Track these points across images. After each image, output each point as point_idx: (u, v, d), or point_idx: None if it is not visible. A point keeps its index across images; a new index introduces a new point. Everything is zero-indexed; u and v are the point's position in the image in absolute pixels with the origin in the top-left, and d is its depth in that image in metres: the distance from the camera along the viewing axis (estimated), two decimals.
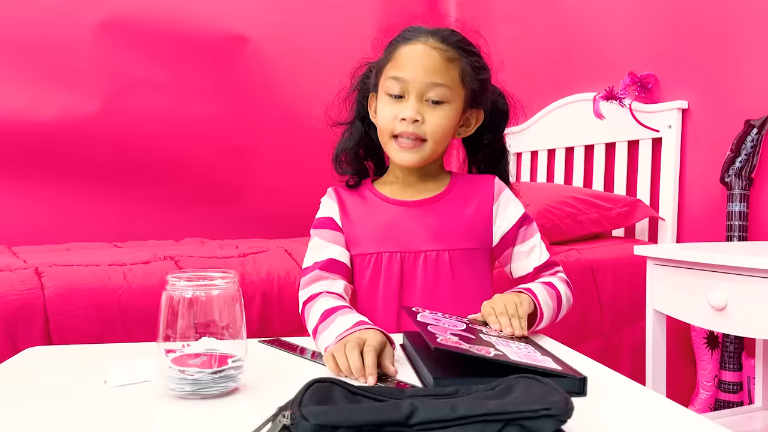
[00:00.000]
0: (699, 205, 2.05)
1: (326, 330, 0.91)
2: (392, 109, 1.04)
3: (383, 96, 1.06)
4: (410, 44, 1.04)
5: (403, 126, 1.03)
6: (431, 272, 1.07)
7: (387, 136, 1.06)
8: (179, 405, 0.68)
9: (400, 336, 0.95)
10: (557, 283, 1.09)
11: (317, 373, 0.80)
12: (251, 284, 1.46)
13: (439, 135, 1.05)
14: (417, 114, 1.02)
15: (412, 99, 1.03)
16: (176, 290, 0.71)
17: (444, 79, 1.03)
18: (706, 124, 2.02)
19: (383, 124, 1.06)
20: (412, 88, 1.03)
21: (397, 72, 1.04)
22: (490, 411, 0.49)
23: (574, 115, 2.52)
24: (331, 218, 1.12)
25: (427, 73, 1.02)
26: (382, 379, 0.76)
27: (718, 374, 1.85)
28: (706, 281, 1.32)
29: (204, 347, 0.71)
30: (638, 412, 0.66)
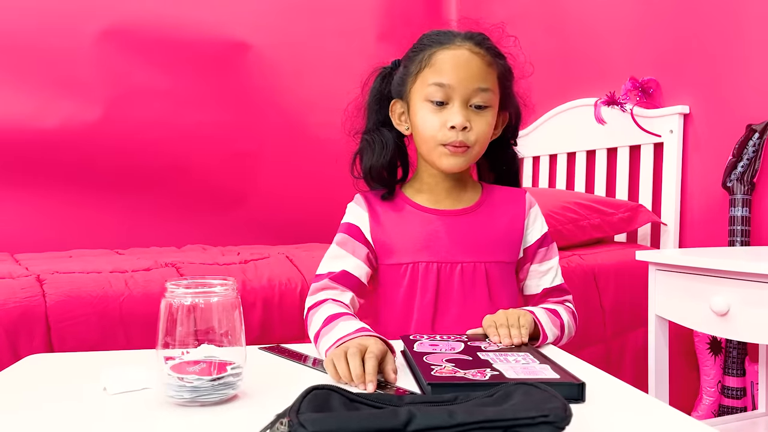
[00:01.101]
0: (701, 210, 2.04)
1: (327, 334, 0.91)
2: (437, 117, 1.02)
3: (423, 103, 1.04)
4: (450, 49, 1.03)
5: (451, 135, 1.01)
6: (468, 284, 1.06)
7: (433, 144, 1.04)
8: (178, 412, 0.68)
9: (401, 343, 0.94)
10: (561, 312, 1.09)
11: (317, 380, 0.79)
12: (252, 291, 1.46)
13: (484, 140, 1.05)
14: (466, 121, 1.01)
15: (456, 105, 1.01)
16: (175, 297, 0.71)
17: (487, 83, 1.03)
18: (708, 129, 2.01)
19: (428, 132, 1.04)
20: (456, 95, 1.01)
21: (440, 78, 1.02)
22: (488, 418, 0.49)
23: (575, 120, 2.51)
24: (358, 228, 1.10)
25: (473, 78, 1.02)
26: (382, 386, 0.76)
27: (721, 380, 1.84)
28: (709, 286, 1.31)
29: (203, 354, 0.71)
30: (639, 419, 0.65)
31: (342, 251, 1.09)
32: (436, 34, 1.06)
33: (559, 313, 1.07)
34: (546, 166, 2.76)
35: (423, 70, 1.04)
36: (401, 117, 1.10)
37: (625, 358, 1.86)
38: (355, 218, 1.11)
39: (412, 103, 1.06)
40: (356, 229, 1.10)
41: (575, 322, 1.11)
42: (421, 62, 1.04)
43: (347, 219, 1.12)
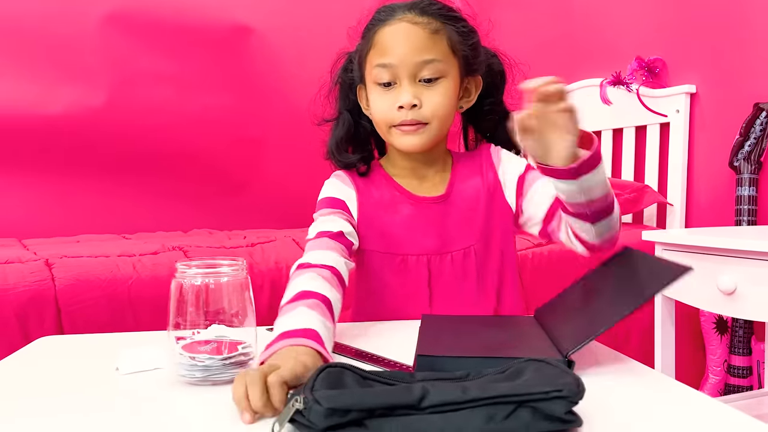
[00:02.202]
0: (707, 190, 2.04)
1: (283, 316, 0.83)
2: (386, 98, 0.97)
3: (373, 86, 0.99)
4: (389, 25, 0.97)
5: (401, 114, 0.96)
6: (457, 271, 1.02)
7: (386, 128, 0.99)
8: (190, 391, 0.68)
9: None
10: None
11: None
12: (260, 274, 1.47)
13: (442, 114, 0.97)
14: (414, 98, 0.95)
15: (405, 83, 0.95)
16: (186, 278, 0.71)
17: (433, 53, 0.95)
18: (715, 108, 2.01)
19: (380, 115, 0.99)
20: (402, 72, 0.95)
21: (382, 58, 0.96)
22: (501, 393, 0.49)
23: (581, 101, 2.46)
24: (343, 202, 1.03)
25: (415, 51, 0.95)
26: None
27: (727, 359, 1.85)
28: (715, 266, 1.31)
29: (214, 334, 0.71)
30: (651, 395, 0.66)
31: (329, 217, 1.00)
32: (382, 10, 1.00)
33: None
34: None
35: (369, 52, 0.99)
36: (367, 101, 1.05)
37: (631, 338, 1.86)
38: (338, 193, 1.04)
39: (367, 86, 1.02)
40: (341, 204, 1.02)
41: None
42: (367, 44, 0.99)
43: (329, 192, 1.04)
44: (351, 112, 1.07)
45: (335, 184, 1.05)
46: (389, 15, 0.98)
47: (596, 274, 0.91)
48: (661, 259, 0.82)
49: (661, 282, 0.72)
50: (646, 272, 0.79)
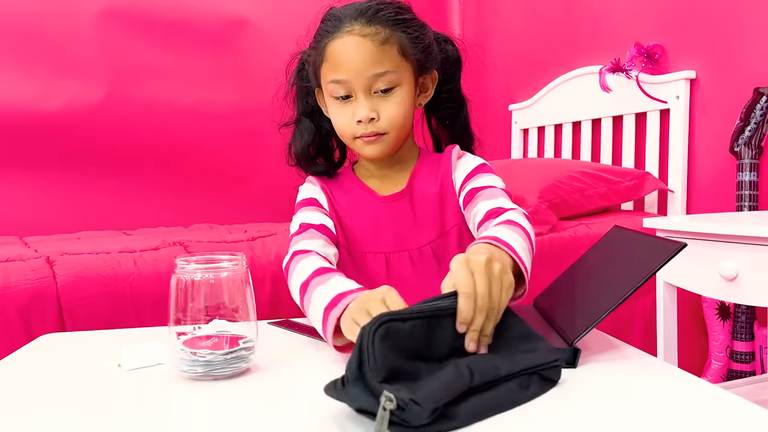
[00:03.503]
0: (708, 176, 2.02)
1: (323, 284, 0.83)
2: (344, 112, 0.97)
3: (330, 100, 0.99)
4: (338, 39, 0.95)
5: (360, 128, 0.96)
6: (416, 267, 1.02)
7: (349, 139, 1.00)
8: (192, 386, 0.68)
9: None
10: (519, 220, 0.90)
11: (328, 351, 0.80)
12: (261, 267, 1.47)
13: (399, 122, 0.98)
14: (371, 112, 0.95)
15: (360, 97, 0.95)
16: (185, 274, 0.71)
17: (385, 65, 0.94)
18: (715, 94, 1.99)
19: (341, 129, 1.00)
20: (356, 86, 0.95)
21: (336, 75, 0.95)
22: (524, 367, 0.60)
23: (580, 88, 2.49)
24: (317, 200, 1.05)
25: (366, 66, 0.93)
26: None
27: (730, 345, 1.84)
28: (717, 252, 1.30)
29: (215, 329, 0.72)
30: (653, 382, 0.66)
31: (313, 212, 1.03)
32: (328, 19, 0.98)
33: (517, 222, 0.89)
34: (551, 136, 2.74)
35: (321, 66, 0.98)
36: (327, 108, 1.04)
37: (634, 325, 1.87)
38: (314, 194, 1.06)
39: (324, 97, 1.02)
40: (317, 203, 1.05)
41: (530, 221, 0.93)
42: (318, 56, 0.98)
43: (304, 195, 1.07)
44: (311, 116, 1.07)
45: (308, 188, 1.08)
46: (336, 27, 0.96)
47: (590, 257, 0.91)
48: (654, 236, 0.82)
49: (657, 260, 0.72)
50: (641, 252, 0.79)
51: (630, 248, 0.84)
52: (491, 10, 2.95)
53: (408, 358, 0.57)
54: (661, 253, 0.73)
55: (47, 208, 2.40)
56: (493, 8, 2.96)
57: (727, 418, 0.55)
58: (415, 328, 0.59)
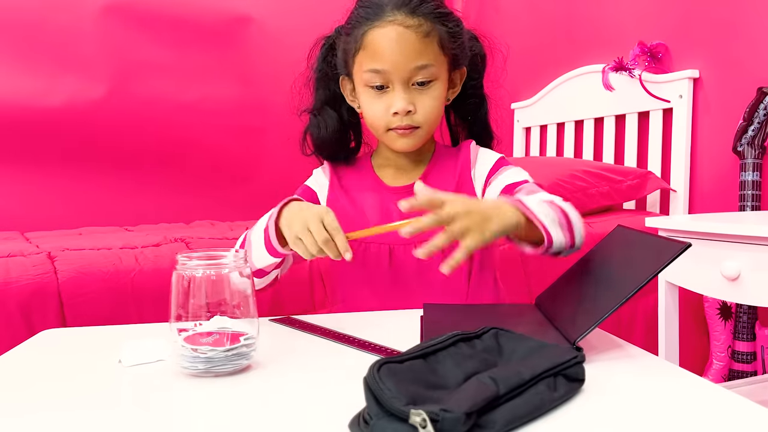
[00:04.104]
0: (711, 176, 2.02)
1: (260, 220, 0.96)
2: (380, 103, 0.97)
3: (364, 89, 0.98)
4: (379, 28, 0.94)
5: (396, 120, 0.97)
6: (422, 264, 0.99)
7: (381, 130, 1.00)
8: (193, 383, 0.68)
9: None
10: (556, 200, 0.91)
11: (329, 348, 0.80)
12: None
13: (433, 117, 0.99)
14: (409, 105, 0.96)
15: (398, 89, 0.95)
16: (187, 270, 0.71)
17: (427, 58, 0.95)
18: (718, 93, 1.99)
19: (374, 119, 0.99)
20: (395, 78, 0.95)
21: (374, 64, 0.95)
22: (546, 368, 0.58)
23: (583, 87, 2.49)
24: (313, 192, 1.08)
25: (409, 58, 0.94)
26: None
27: (731, 344, 1.84)
28: (719, 251, 1.30)
29: (216, 326, 0.71)
30: (654, 381, 0.65)
31: None
32: (367, 5, 0.97)
33: (555, 203, 0.89)
34: (554, 134, 2.74)
35: (358, 53, 0.97)
36: (352, 93, 1.05)
37: (635, 325, 1.86)
38: (313, 183, 1.09)
39: (356, 84, 1.01)
40: (311, 193, 1.08)
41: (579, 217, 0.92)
42: (355, 42, 0.97)
43: (308, 183, 1.10)
44: (333, 104, 1.06)
45: (315, 178, 1.11)
46: (377, 14, 0.95)
47: (593, 256, 0.91)
48: (658, 236, 0.82)
49: (661, 261, 0.72)
50: (645, 251, 0.79)
51: (633, 248, 0.84)
52: (494, 7, 2.94)
53: (424, 387, 0.55)
54: (665, 253, 0.72)
55: (49, 203, 2.40)
56: (495, 6, 2.95)
57: (728, 418, 0.55)
58: (414, 366, 0.57)
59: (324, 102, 1.06)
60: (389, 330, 0.87)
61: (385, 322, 0.93)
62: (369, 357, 0.75)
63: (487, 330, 0.67)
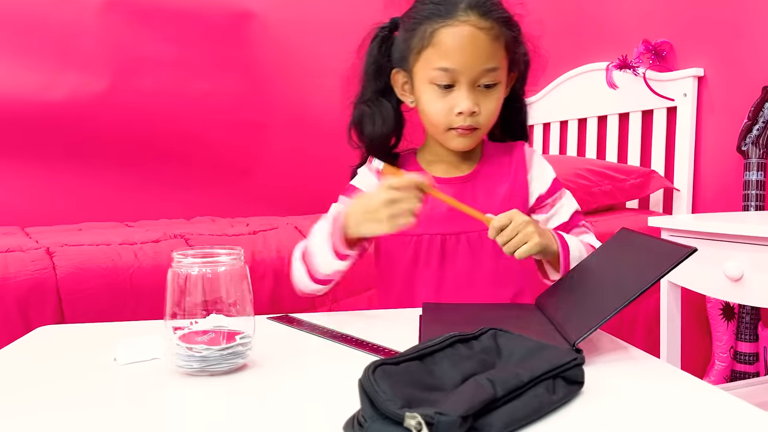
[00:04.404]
0: (715, 175, 2.01)
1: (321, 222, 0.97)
2: (444, 101, 0.98)
3: (429, 86, 0.98)
4: (452, 27, 0.95)
5: (459, 119, 0.98)
6: (475, 253, 1.02)
7: (442, 128, 1.00)
8: (188, 382, 0.67)
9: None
10: (590, 239, 1.03)
11: (326, 348, 0.79)
12: (262, 262, 1.46)
13: (493, 119, 1.01)
14: (474, 106, 0.97)
15: (464, 89, 0.96)
16: (182, 267, 0.70)
17: (495, 62, 0.97)
18: (723, 92, 1.98)
19: (436, 117, 1.00)
20: (463, 78, 0.96)
21: (444, 62, 0.95)
22: (545, 370, 0.57)
23: (586, 85, 2.47)
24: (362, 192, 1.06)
25: (480, 60, 0.95)
26: None
27: (734, 345, 1.83)
28: (722, 252, 1.29)
29: (212, 324, 0.71)
30: (653, 383, 0.64)
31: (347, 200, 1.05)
32: (436, 1, 0.97)
33: (585, 241, 1.01)
34: (557, 132, 2.72)
35: (426, 49, 0.97)
36: (404, 87, 1.04)
37: (637, 325, 1.85)
38: (361, 183, 1.07)
39: (416, 81, 1.01)
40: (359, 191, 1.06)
41: None
42: (423, 39, 0.97)
43: (354, 182, 1.09)
44: (387, 97, 1.06)
45: (362, 172, 1.09)
46: (450, 13, 0.95)
47: (596, 257, 0.90)
48: (663, 240, 0.81)
49: (666, 264, 0.71)
50: (649, 254, 0.78)
51: (638, 251, 0.82)
52: None
53: (420, 389, 0.54)
54: (670, 257, 0.71)
55: (50, 198, 2.40)
56: None
57: (728, 421, 0.54)
58: (410, 367, 0.56)
59: (379, 93, 1.05)
60: (388, 330, 0.86)
61: (384, 321, 0.92)
62: (366, 357, 0.74)
63: (485, 330, 0.67)
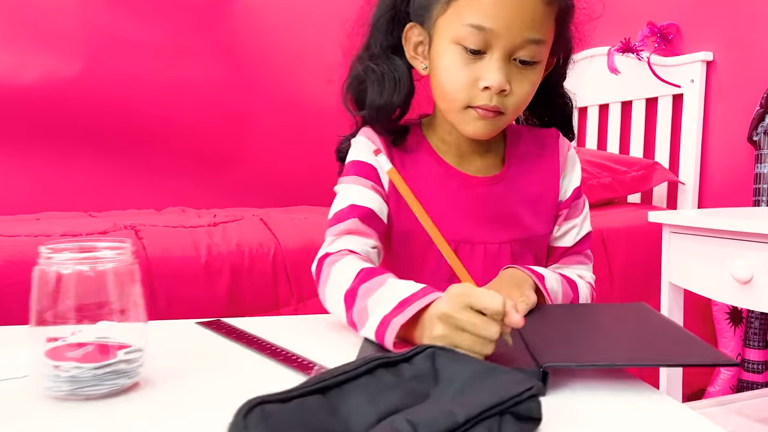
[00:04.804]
0: (724, 168, 1.92)
1: (380, 289, 0.68)
2: (468, 70, 0.77)
3: (452, 48, 0.77)
4: None
5: (484, 96, 0.77)
6: (490, 266, 0.85)
7: (458, 105, 0.80)
8: (57, 408, 0.54)
9: None
10: (581, 286, 0.87)
11: (248, 362, 0.66)
12: (218, 256, 1.33)
13: (524, 105, 0.81)
14: (506, 82, 0.76)
15: (497, 59, 0.76)
16: (52, 265, 0.57)
17: (542, 33, 0.76)
18: (733, 78, 1.89)
19: (455, 90, 0.79)
20: (499, 44, 0.75)
21: (480, 18, 0.74)
22: (488, 405, 0.45)
23: (586, 72, 2.32)
24: (375, 169, 0.85)
25: (525, 25, 0.75)
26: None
27: (741, 352, 1.74)
28: (730, 251, 1.20)
29: (94, 335, 0.57)
30: (631, 408, 0.51)
31: (359, 187, 0.84)
32: None
33: (577, 287, 0.86)
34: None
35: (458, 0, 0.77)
36: (418, 48, 0.83)
37: None
38: (369, 157, 0.85)
39: (436, 38, 0.80)
40: (372, 171, 0.85)
41: (591, 300, 0.91)
42: None
43: (359, 156, 0.86)
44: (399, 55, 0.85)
45: (365, 145, 0.87)
46: None
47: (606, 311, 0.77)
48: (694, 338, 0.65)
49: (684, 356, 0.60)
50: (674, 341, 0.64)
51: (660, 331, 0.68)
52: None
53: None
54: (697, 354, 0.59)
55: (17, 186, 2.27)
56: None
57: None
58: (306, 405, 0.44)
59: (391, 50, 0.85)
60: (338, 340, 0.73)
61: (339, 330, 0.78)
62: (292, 375, 0.61)
63: (422, 349, 0.53)
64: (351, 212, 0.82)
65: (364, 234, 0.82)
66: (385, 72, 0.84)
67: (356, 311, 0.70)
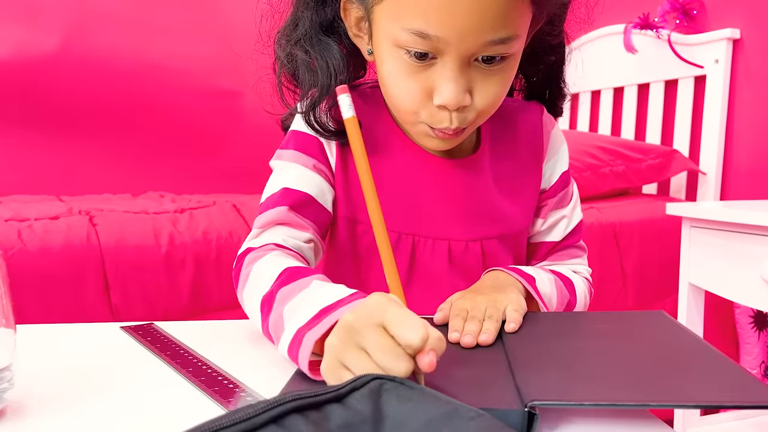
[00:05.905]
0: (749, 156, 1.82)
1: (299, 294, 0.55)
2: (416, 80, 0.61)
3: (393, 50, 0.61)
4: None
5: (442, 120, 0.62)
6: (455, 265, 0.73)
7: (410, 119, 0.66)
8: None
9: None
10: (577, 283, 0.76)
11: (156, 381, 0.52)
12: (182, 246, 1.21)
13: (494, 108, 0.65)
14: (465, 96, 0.61)
15: (452, 68, 0.60)
16: None
17: (511, 28, 0.59)
18: (762, 58, 1.78)
19: (402, 103, 0.64)
20: (453, 51, 0.59)
21: (422, 24, 0.57)
22: None
23: (601, 52, 2.26)
24: (318, 141, 0.71)
25: (486, 26, 0.57)
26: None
27: (765, 360, 1.63)
28: (757, 248, 1.13)
29: None
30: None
31: (297, 166, 0.70)
32: None
33: (574, 286, 0.75)
34: (566, 106, 2.45)
35: None
36: (360, 25, 0.67)
37: None
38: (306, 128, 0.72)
39: (376, 33, 0.64)
40: (315, 144, 0.71)
41: (590, 297, 0.79)
42: None
43: (302, 125, 0.72)
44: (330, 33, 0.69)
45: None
46: None
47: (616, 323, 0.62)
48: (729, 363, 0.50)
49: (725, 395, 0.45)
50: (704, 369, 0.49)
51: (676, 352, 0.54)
52: None
53: None
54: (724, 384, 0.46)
55: None
56: None
57: None
58: None
59: (322, 29, 0.69)
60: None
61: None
62: (204, 405, 0.47)
63: (364, 383, 0.39)
64: (283, 198, 0.68)
65: (297, 225, 0.68)
66: (319, 58, 0.68)
67: (272, 321, 0.55)
